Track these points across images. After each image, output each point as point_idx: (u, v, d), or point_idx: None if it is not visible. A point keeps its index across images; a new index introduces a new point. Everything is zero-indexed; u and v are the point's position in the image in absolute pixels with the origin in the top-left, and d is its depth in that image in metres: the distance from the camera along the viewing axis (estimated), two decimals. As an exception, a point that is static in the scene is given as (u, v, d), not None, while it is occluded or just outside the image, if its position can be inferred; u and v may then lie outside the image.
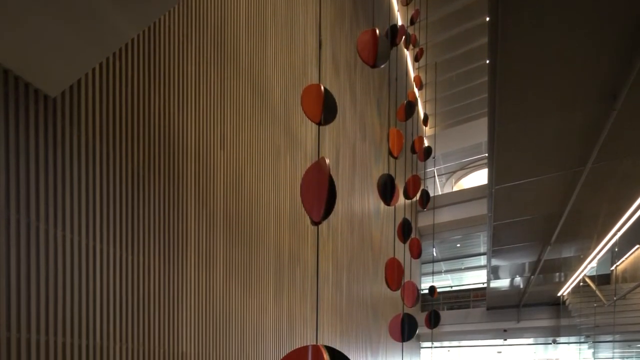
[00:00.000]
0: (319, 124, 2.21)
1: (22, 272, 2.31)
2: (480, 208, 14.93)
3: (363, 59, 2.77)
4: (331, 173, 1.87)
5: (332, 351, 1.85)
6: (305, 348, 1.84)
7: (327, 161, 1.92)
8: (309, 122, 4.04)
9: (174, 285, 3.50)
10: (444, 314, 15.81)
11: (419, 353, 18.65)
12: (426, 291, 16.22)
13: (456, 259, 19.43)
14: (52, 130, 2.51)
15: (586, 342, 10.51)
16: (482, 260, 18.80)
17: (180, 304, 3.55)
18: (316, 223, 1.91)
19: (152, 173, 3.30)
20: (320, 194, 1.89)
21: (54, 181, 2.53)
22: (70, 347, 2.54)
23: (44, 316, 2.40)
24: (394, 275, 4.81)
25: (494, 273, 11.63)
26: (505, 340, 17.20)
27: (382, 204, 10.81)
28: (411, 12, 8.52)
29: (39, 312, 2.38)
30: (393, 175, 3.84)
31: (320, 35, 6.86)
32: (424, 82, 13.98)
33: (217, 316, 4.03)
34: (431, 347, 19.51)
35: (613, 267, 8.73)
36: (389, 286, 4.85)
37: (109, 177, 2.92)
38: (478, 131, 15.92)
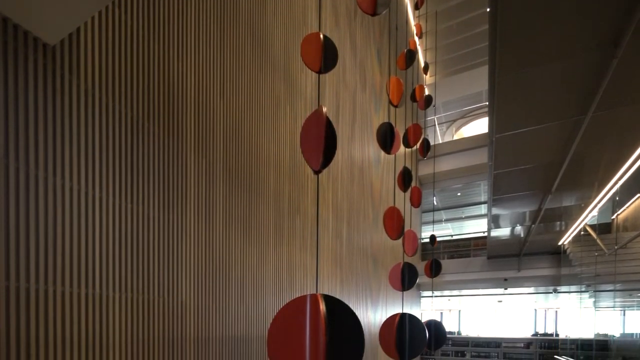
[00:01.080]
0: (319, 72, 2.23)
1: (21, 221, 2.35)
2: (480, 157, 14.95)
3: (362, 9, 2.76)
4: (331, 122, 1.89)
5: (332, 300, 1.93)
6: (306, 297, 1.93)
7: (325, 110, 1.94)
8: (309, 71, 4.04)
9: (174, 235, 3.55)
10: (445, 263, 15.98)
11: (419, 302, 18.95)
12: (426, 240, 16.39)
13: (457, 207, 19.52)
14: (52, 78, 2.53)
15: (587, 291, 10.59)
16: (483, 209, 18.91)
17: (180, 253, 3.61)
18: (316, 172, 1.94)
19: (152, 122, 3.32)
20: (320, 142, 1.92)
21: (53, 130, 2.55)
22: (69, 296, 2.59)
23: (42, 265, 2.46)
24: (394, 224, 4.89)
25: (494, 222, 11.69)
26: (506, 289, 17.42)
27: (382, 153, 10.83)
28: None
29: (38, 261, 2.44)
30: (393, 124, 3.87)
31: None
32: (424, 30, 13.78)
33: (217, 265, 4.10)
34: (431, 296, 19.84)
35: (614, 216, 8.77)
36: (388, 235, 4.94)
37: (109, 126, 2.95)
38: (479, 80, 15.75)
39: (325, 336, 1.80)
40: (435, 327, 5.32)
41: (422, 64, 12.47)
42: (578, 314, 11.70)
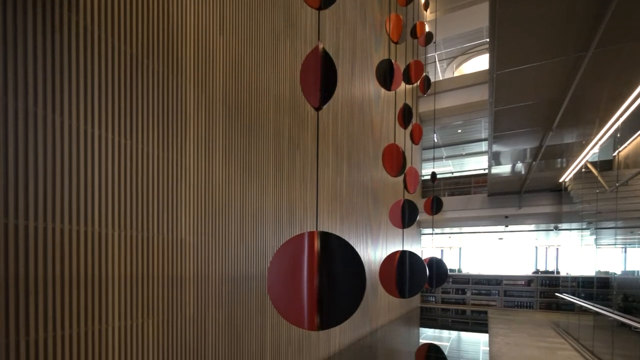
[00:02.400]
0: (319, 8, 2.27)
1: (19, 159, 2.42)
2: (481, 93, 14.95)
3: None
4: (331, 58, 1.97)
5: (330, 237, 1.96)
6: (303, 235, 1.96)
7: (321, 45, 2.01)
8: (309, 8, 4.06)
9: (173, 172, 3.62)
10: (445, 200, 16.10)
11: (420, 239, 19.22)
12: (427, 177, 16.49)
13: (457, 145, 19.55)
14: (50, 15, 2.58)
15: (588, 229, 10.69)
16: (483, 146, 18.93)
17: (179, 190, 3.69)
18: (317, 108, 2.03)
19: (151, 58, 3.38)
20: (319, 79, 2.00)
21: (52, 67, 2.61)
22: (68, 233, 2.69)
23: (42, 203, 2.54)
24: (393, 161, 5.00)
25: (495, 159, 11.70)
26: (507, 226, 17.64)
27: (382, 90, 10.81)
28: None
29: (37, 199, 2.51)
30: (394, 61, 3.94)
31: None
32: (424, -34, 13.48)
33: (217, 203, 4.19)
34: (432, 234, 20.09)
35: (615, 153, 8.80)
36: (388, 172, 5.07)
37: (108, 62, 3.00)
38: (479, 16, 15.49)
39: (318, 275, 1.88)
40: (436, 264, 5.51)
41: (423, 0, 12.25)
42: (579, 252, 11.82)
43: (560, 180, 12.85)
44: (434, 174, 8.19)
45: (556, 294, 13.63)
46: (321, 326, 1.90)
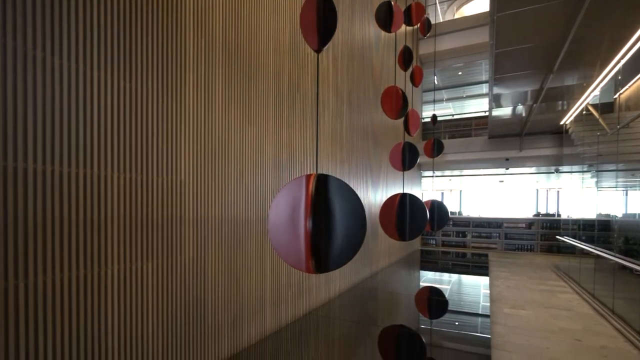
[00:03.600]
0: None
1: (18, 101, 2.45)
2: (482, 35, 14.86)
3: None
4: (331, 0, 1.95)
5: (328, 179, 2.02)
6: (302, 178, 2.01)
7: None
8: None
9: (173, 115, 3.67)
10: (446, 143, 16.12)
11: (420, 182, 19.33)
12: (427, 120, 16.41)
13: (457, 87, 19.42)
14: None
15: (589, 171, 10.71)
16: (484, 89, 18.82)
17: (179, 133, 3.74)
18: (317, 51, 2.02)
19: (151, 1, 3.39)
20: (319, 21, 1.99)
21: (51, 9, 2.62)
22: (67, 176, 2.74)
23: (40, 146, 2.58)
24: (392, 103, 4.99)
25: (495, 101, 11.72)
26: (507, 169, 17.73)
27: (383, 33, 10.67)
28: None
29: (36, 142, 2.55)
30: (393, 2, 3.89)
31: None
32: None
33: (216, 146, 4.25)
34: (432, 177, 20.17)
35: (616, 95, 8.76)
36: (387, 115, 5.06)
37: (108, 5, 3.02)
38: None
39: (311, 217, 1.93)
40: (437, 207, 5.57)
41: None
42: (580, 194, 11.89)
43: (561, 122, 12.84)
44: (434, 117, 8.18)
45: (557, 236, 13.78)
46: (317, 269, 1.95)
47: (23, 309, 2.44)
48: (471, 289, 9.84)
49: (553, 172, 17.15)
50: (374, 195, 10.19)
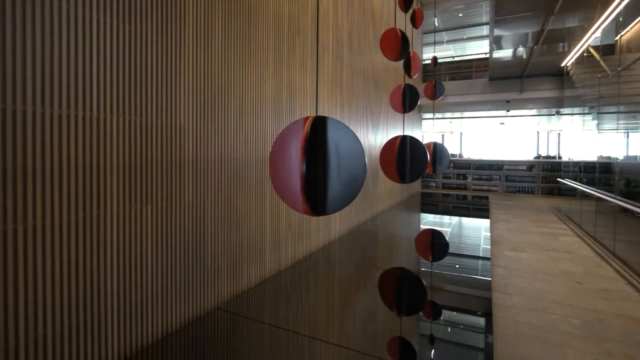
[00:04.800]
0: None
1: (17, 42, 2.39)
2: (482, -25, 14.48)
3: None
4: None
5: (328, 121, 1.99)
6: (301, 120, 1.99)
7: None
8: None
9: (171, 56, 3.59)
10: (446, 85, 15.99)
11: (420, 124, 19.24)
12: (428, 62, 16.23)
13: (458, 29, 19.06)
14: None
15: (590, 113, 10.67)
16: (485, 30, 18.45)
17: (178, 75, 3.67)
18: None
19: None
20: None
21: None
22: (66, 118, 2.69)
23: (39, 88, 2.53)
24: (392, 45, 4.86)
25: (496, 43, 11.60)
26: (508, 111, 17.64)
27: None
28: None
29: (35, 84, 2.50)
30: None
31: None
32: None
33: (216, 88, 4.17)
34: (432, 119, 20.09)
35: (617, 37, 8.59)
36: (386, 56, 4.93)
37: None
38: None
39: (304, 160, 1.90)
40: (438, 149, 5.51)
41: None
42: (581, 137, 11.84)
43: (562, 64, 12.72)
44: (434, 59, 8.04)
45: (558, 179, 13.80)
46: (314, 212, 1.97)
47: (22, 253, 2.41)
48: (472, 232, 9.87)
49: (554, 115, 17.09)
50: (374, 138, 10.11)
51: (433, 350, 3.76)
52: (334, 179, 1.93)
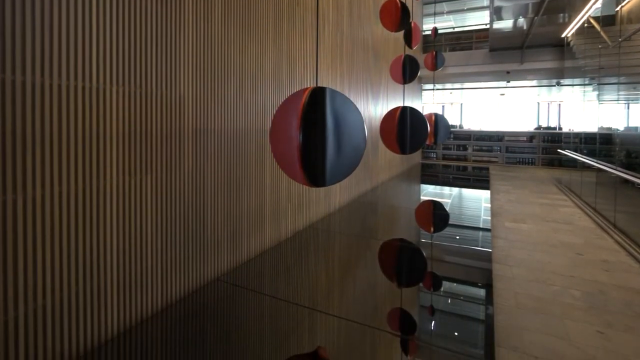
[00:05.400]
0: None
1: (17, 10, 2.34)
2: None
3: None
4: None
5: (326, 92, 1.97)
6: (301, 90, 1.97)
7: None
8: None
9: (171, 27, 3.55)
10: (446, 55, 15.92)
11: (421, 95, 19.15)
12: (428, 32, 16.12)
13: (458, -1, 18.88)
14: None
15: (590, 84, 10.62)
16: (485, 1, 18.22)
17: (178, 45, 3.63)
18: None
19: None
20: None
21: None
22: (66, 89, 2.65)
23: (39, 58, 2.49)
24: (392, 16, 4.78)
25: (496, 14, 11.53)
26: (508, 82, 17.51)
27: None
28: None
29: (34, 54, 2.46)
30: None
31: None
32: None
33: (215, 59, 4.13)
34: (433, 89, 20.00)
35: (618, 8, 8.48)
36: (386, 27, 4.85)
37: None
38: None
39: (301, 130, 1.88)
40: (438, 120, 5.46)
41: None
42: (581, 108, 11.80)
43: (563, 35, 12.68)
44: (435, 29, 7.95)
45: (558, 150, 13.78)
46: (313, 183, 1.98)
47: (21, 223, 2.39)
48: (472, 203, 9.86)
49: (554, 86, 16.99)
50: (374, 109, 10.05)
51: (433, 322, 3.74)
52: (332, 150, 1.92)
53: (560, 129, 18.85)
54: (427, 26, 18.59)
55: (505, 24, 12.74)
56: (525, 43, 14.31)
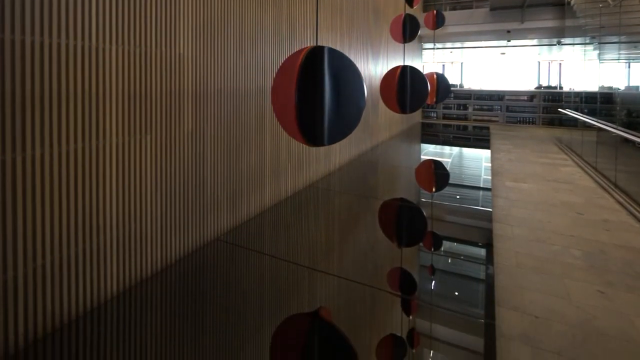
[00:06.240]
0: None
1: None
2: None
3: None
4: None
5: (325, 50, 1.94)
6: (304, 50, 1.93)
7: None
8: None
9: None
10: (447, 15, 15.70)
11: (421, 54, 18.95)
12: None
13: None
14: None
15: (591, 43, 10.51)
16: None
17: (177, 5, 3.58)
18: None
19: None
20: None
21: None
22: (65, 48, 2.61)
23: (38, 17, 2.44)
24: None
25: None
26: (509, 41, 17.31)
27: None
28: None
29: (33, 13, 2.42)
30: None
31: None
32: None
33: (215, 18, 4.07)
34: (433, 49, 19.78)
35: None
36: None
37: None
38: None
39: (297, 89, 1.87)
40: (439, 79, 5.39)
41: None
42: (582, 67, 11.70)
43: (564, -7, 12.39)
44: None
45: (559, 109, 13.68)
46: (312, 142, 1.99)
47: (21, 183, 2.38)
48: (472, 162, 9.83)
49: (555, 45, 16.78)
50: (375, 68, 9.95)
51: (433, 282, 3.72)
52: (331, 109, 1.92)
53: (560, 88, 18.71)
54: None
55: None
56: (526, 2, 14.12)
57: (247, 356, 2.52)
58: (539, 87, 19.60)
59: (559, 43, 16.14)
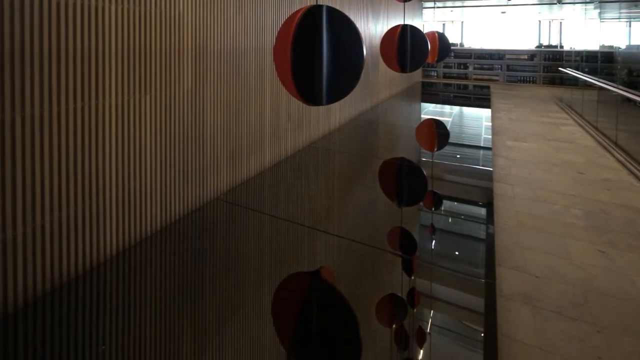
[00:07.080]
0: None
1: None
2: None
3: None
4: None
5: (323, 10, 1.91)
6: (302, 9, 1.93)
7: None
8: None
9: None
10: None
11: (421, 13, 18.68)
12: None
13: None
14: None
15: (592, 2, 10.35)
16: None
17: None
18: None
19: None
20: None
21: None
22: (64, 5, 2.56)
23: None
24: None
25: None
26: (509, 0, 17.10)
27: None
28: None
29: None
30: None
31: None
32: None
33: None
34: (433, 7, 19.48)
35: None
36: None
37: None
38: None
39: (292, 48, 1.88)
40: (439, 38, 5.31)
41: None
42: (583, 26, 11.56)
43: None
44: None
45: (560, 68, 13.55)
46: (310, 101, 2.00)
47: (20, 142, 2.35)
48: (473, 121, 9.76)
49: (555, 4, 16.50)
50: (374, 27, 9.78)
51: (433, 241, 3.69)
52: (329, 68, 1.90)
53: (561, 47, 18.49)
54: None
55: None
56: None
57: (248, 313, 2.50)
58: (540, 46, 19.38)
59: (560, 2, 15.90)
